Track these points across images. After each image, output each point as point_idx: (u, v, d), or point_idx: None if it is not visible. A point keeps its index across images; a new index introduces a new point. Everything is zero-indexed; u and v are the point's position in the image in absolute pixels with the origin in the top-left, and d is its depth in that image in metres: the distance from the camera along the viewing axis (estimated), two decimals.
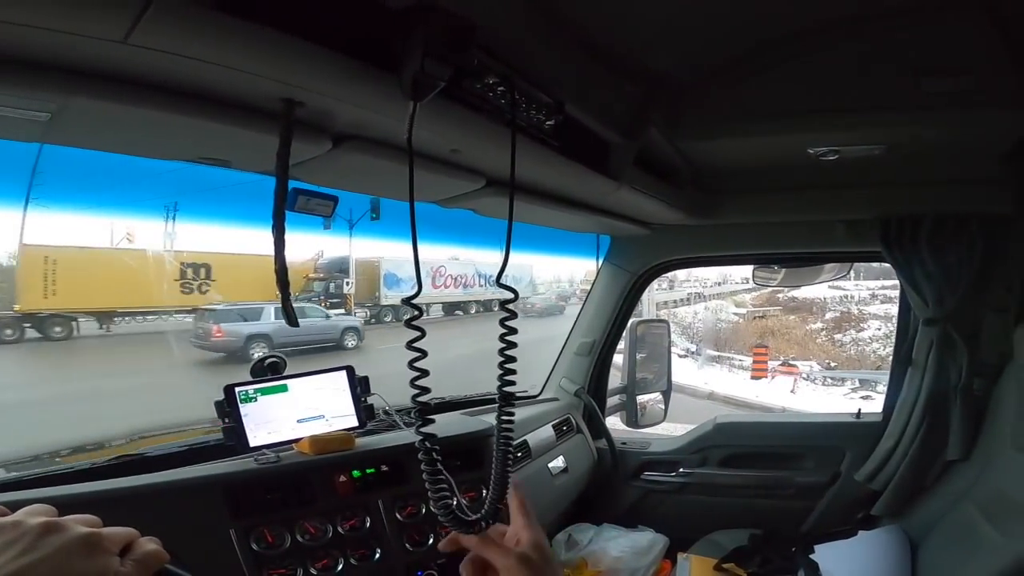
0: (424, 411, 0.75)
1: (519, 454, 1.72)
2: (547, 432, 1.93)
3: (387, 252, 12.07)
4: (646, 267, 2.13)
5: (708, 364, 13.87)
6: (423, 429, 0.75)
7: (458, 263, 13.52)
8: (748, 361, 13.38)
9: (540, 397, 2.20)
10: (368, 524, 1.27)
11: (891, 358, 2.10)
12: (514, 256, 0.86)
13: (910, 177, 1.63)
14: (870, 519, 1.90)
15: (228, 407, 1.25)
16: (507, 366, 0.83)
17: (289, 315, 0.74)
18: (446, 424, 1.62)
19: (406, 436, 1.44)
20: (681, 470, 2.14)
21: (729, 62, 1.27)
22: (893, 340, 2.10)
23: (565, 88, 0.96)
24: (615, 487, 2.19)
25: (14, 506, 0.50)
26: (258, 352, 7.90)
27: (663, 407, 2.38)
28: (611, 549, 1.90)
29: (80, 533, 0.48)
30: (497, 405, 0.83)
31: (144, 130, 0.79)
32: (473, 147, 1.00)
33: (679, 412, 2.59)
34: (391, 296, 12.22)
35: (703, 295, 18.99)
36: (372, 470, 1.32)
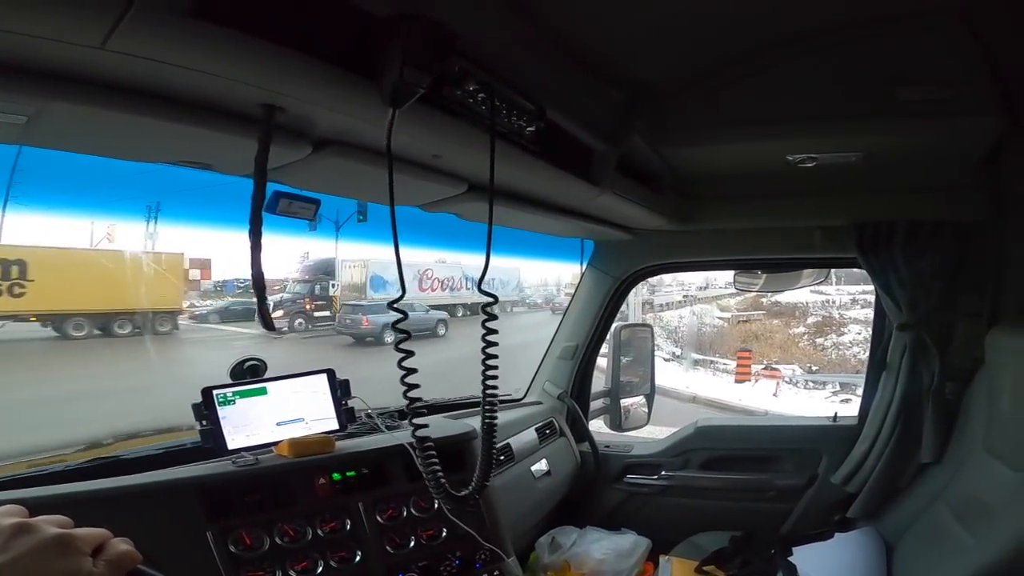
0: (417, 413, 0.82)
1: (502, 457, 1.72)
2: (530, 435, 1.94)
3: (373, 255, 12.05)
4: (629, 272, 2.15)
5: (692, 368, 14.00)
6: (418, 433, 0.83)
7: (445, 266, 13.51)
8: (732, 365, 13.53)
9: (523, 400, 2.21)
10: (348, 526, 1.26)
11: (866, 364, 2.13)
12: (502, 260, 0.87)
13: (886, 184, 1.67)
14: (846, 521, 1.93)
15: (206, 409, 1.24)
16: (488, 362, 0.88)
17: (265, 319, 0.74)
18: (431, 427, 1.63)
19: (387, 439, 1.43)
20: (663, 473, 2.15)
21: (711, 70, 1.29)
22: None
23: (547, 95, 0.97)
24: (598, 490, 2.20)
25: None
26: (389, 337, 8.93)
27: (646, 410, 2.40)
28: (594, 551, 1.91)
29: (52, 534, 0.49)
30: (481, 394, 0.88)
31: (123, 134, 0.79)
32: (454, 152, 1.01)
33: (663, 415, 2.61)
34: (377, 298, 12.17)
35: (689, 298, 19.19)
36: (353, 473, 1.32)
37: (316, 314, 11.68)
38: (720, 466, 2.12)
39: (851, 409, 2.26)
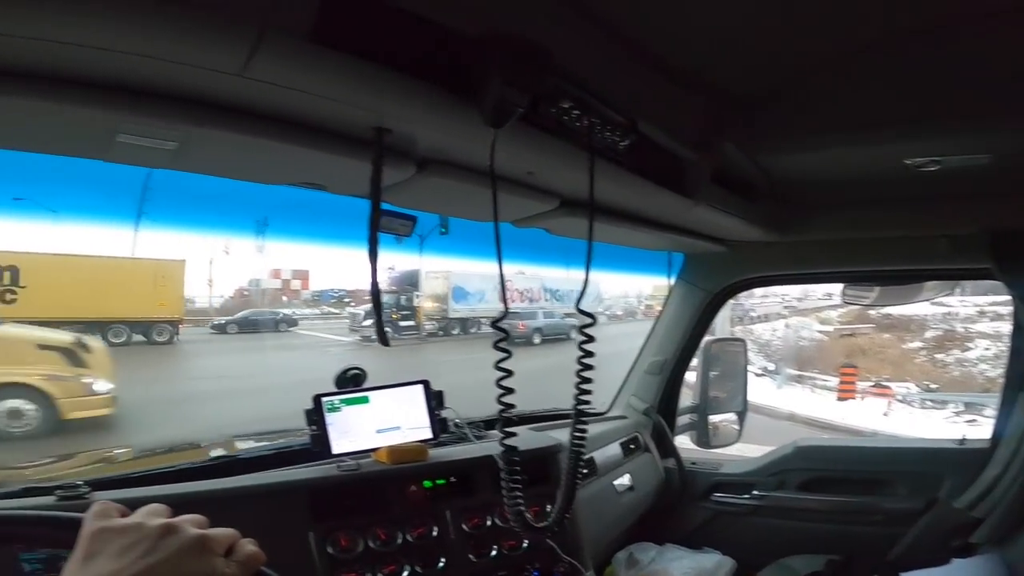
0: (508, 424, 0.83)
1: (585, 471, 1.70)
2: (614, 450, 1.91)
3: (455, 267, 12.45)
4: (723, 285, 2.06)
5: (788, 384, 13.06)
6: (506, 442, 0.83)
7: (524, 277, 13.65)
8: (834, 381, 12.47)
9: (608, 414, 2.17)
10: (435, 533, 1.31)
11: (1002, 381, 1.90)
12: (582, 272, 0.87)
13: (1020, 187, 1.48)
14: (967, 547, 1.74)
15: (316, 416, 1.32)
16: (582, 386, 0.86)
17: (381, 333, 0.79)
18: (517, 438, 1.65)
19: (476, 449, 1.46)
20: (755, 492, 2.03)
21: (807, 72, 1.21)
22: (1004, 360, 1.90)
23: (636, 108, 0.96)
24: (682, 507, 2.12)
25: (133, 504, 0.55)
26: (537, 338, 12.67)
27: (737, 427, 2.29)
28: (674, 569, 1.85)
29: (194, 535, 0.52)
30: (571, 422, 0.87)
31: (255, 157, 0.86)
32: (548, 169, 1.02)
33: (755, 433, 2.47)
34: (459, 309, 12.53)
35: (790, 310, 18.00)
36: (442, 481, 1.36)
37: (401, 323, 12.22)
38: (820, 487, 1.97)
39: (978, 432, 2.01)
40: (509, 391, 0.85)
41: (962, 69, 1.10)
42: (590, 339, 0.90)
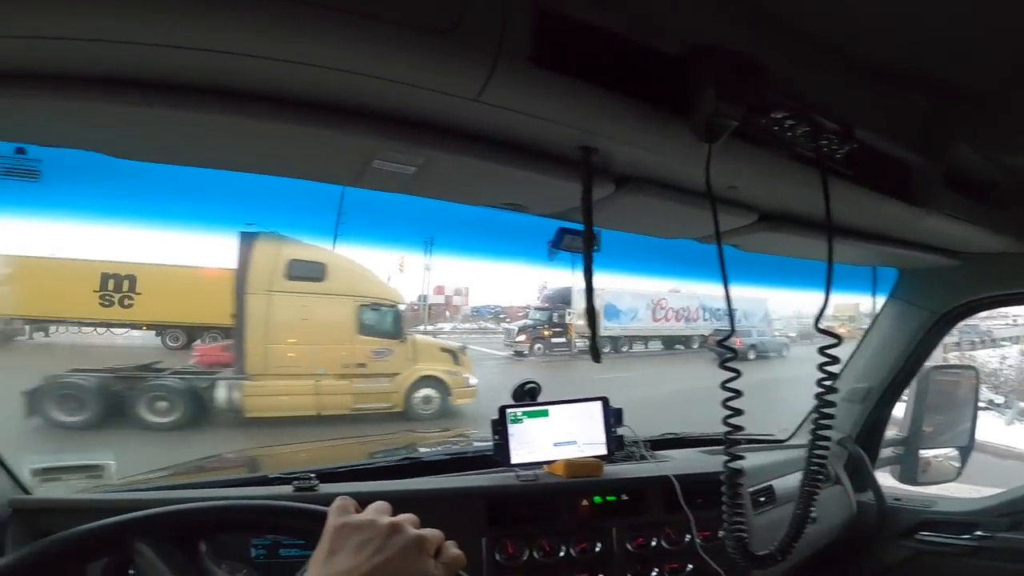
0: (734, 446, 0.83)
1: (762, 498, 1.58)
2: (797, 479, 1.72)
3: (607, 284, 12.33)
4: (952, 305, 1.75)
5: (1020, 419, 10.50)
6: (731, 464, 0.84)
7: (680, 296, 13.01)
8: None
9: (788, 442, 1.98)
10: (598, 549, 1.30)
11: None
12: (749, 290, 0.82)
13: None
14: None
15: (500, 426, 1.40)
16: (824, 410, 0.81)
17: (595, 349, 0.82)
18: (687, 460, 1.58)
19: (649, 468, 1.45)
20: (978, 533, 1.69)
21: None
22: None
23: (851, 112, 0.87)
24: (878, 544, 1.86)
25: (363, 500, 0.59)
26: (752, 355, 12.54)
27: (957, 464, 1.96)
28: None
29: (414, 535, 0.55)
30: (808, 448, 0.90)
31: (476, 181, 0.92)
32: (752, 182, 0.97)
33: (972, 473, 2.07)
34: (610, 327, 12.36)
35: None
36: (613, 498, 1.35)
37: (553, 340, 12.41)
38: None
39: None
40: (738, 412, 0.83)
41: None
42: (834, 360, 0.85)
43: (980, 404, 2.03)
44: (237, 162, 0.85)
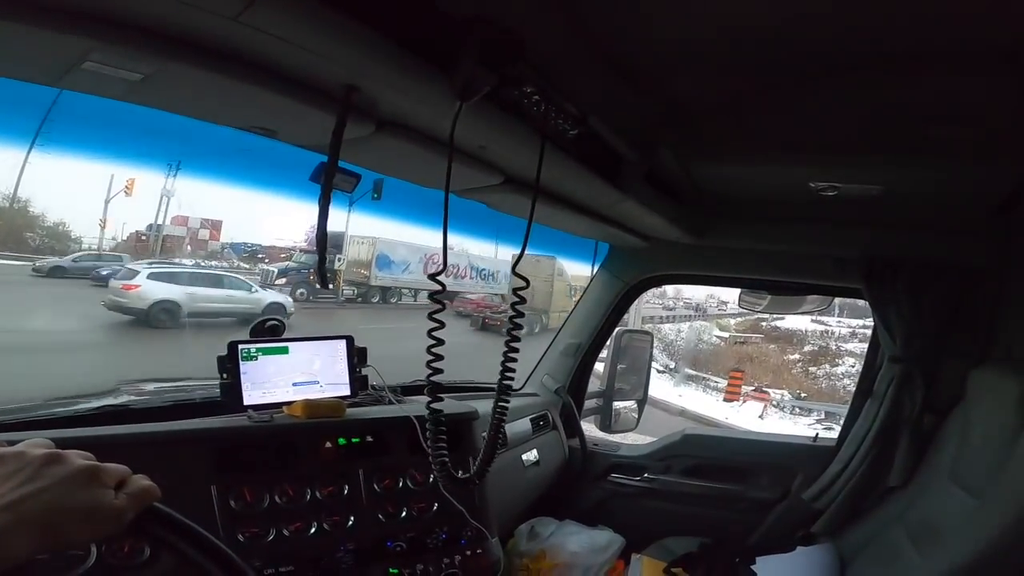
0: (436, 388, 0.90)
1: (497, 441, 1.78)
2: (524, 425, 2.00)
3: (383, 232, 12.12)
4: (639, 278, 2.20)
5: (684, 382, 14.09)
6: (433, 405, 0.90)
7: (452, 254, 13.49)
8: (723, 383, 13.61)
9: (521, 390, 2.26)
10: (346, 491, 1.30)
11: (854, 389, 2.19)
12: (505, 251, 0.95)
13: (900, 220, 1.70)
14: (809, 536, 2.00)
15: (229, 363, 1.28)
16: (509, 361, 0.95)
17: (322, 276, 0.81)
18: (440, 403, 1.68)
19: (393, 410, 1.47)
20: (646, 475, 2.22)
21: (745, 92, 1.31)
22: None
23: (591, 102, 1.02)
24: (582, 485, 2.26)
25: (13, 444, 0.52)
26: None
27: (636, 416, 2.46)
28: (570, 544, 1.95)
29: (80, 465, 0.50)
30: (496, 391, 1.00)
31: (219, 98, 0.84)
32: (499, 146, 1.06)
33: (649, 425, 2.68)
34: (381, 277, 12.24)
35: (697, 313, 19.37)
36: (357, 439, 1.35)
37: (318, 286, 11.72)
38: (700, 474, 2.18)
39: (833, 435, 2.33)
40: (439, 358, 0.90)
41: (873, 105, 1.23)
42: (523, 300, 0.98)
43: (658, 368, 2.65)
44: None
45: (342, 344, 1.43)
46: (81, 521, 0.48)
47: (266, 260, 13.63)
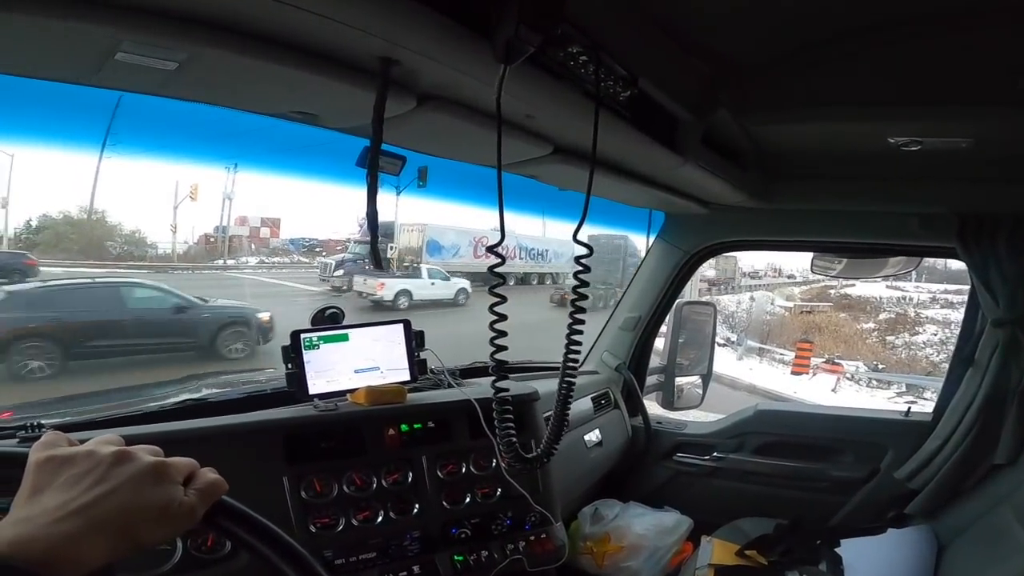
0: (501, 368, 0.88)
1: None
2: (585, 404, 1.96)
3: (431, 219, 12.26)
4: (700, 247, 2.10)
5: (748, 355, 13.57)
6: (498, 384, 0.89)
7: (498, 234, 13.50)
8: (790, 355, 13.02)
9: (581, 368, 2.22)
10: (410, 479, 1.31)
11: (949, 360, 2.03)
12: (560, 226, 0.90)
13: (993, 174, 1.54)
14: (902, 517, 1.88)
15: (293, 353, 1.30)
16: (574, 336, 0.93)
17: (376, 257, 0.85)
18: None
19: (454, 394, 1.46)
20: (715, 454, 2.13)
21: (805, 47, 1.22)
22: (949, 346, 2.04)
23: (640, 63, 0.95)
24: (646, 466, 2.21)
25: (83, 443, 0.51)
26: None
27: (700, 392, 2.37)
28: (635, 526, 1.93)
29: (149, 462, 0.49)
30: (561, 368, 0.98)
31: (254, 83, 0.83)
32: (547, 114, 1.01)
33: (713, 401, 2.57)
34: (432, 263, 12.43)
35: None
36: (419, 425, 1.35)
37: (372, 267, 12.02)
38: (775, 452, 2.08)
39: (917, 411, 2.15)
40: (503, 334, 0.88)
41: (954, 57, 1.12)
42: (585, 284, 0.95)
43: (720, 341, 2.54)
44: None
45: (399, 328, 1.43)
46: (154, 521, 0.48)
47: (324, 253, 14.18)
